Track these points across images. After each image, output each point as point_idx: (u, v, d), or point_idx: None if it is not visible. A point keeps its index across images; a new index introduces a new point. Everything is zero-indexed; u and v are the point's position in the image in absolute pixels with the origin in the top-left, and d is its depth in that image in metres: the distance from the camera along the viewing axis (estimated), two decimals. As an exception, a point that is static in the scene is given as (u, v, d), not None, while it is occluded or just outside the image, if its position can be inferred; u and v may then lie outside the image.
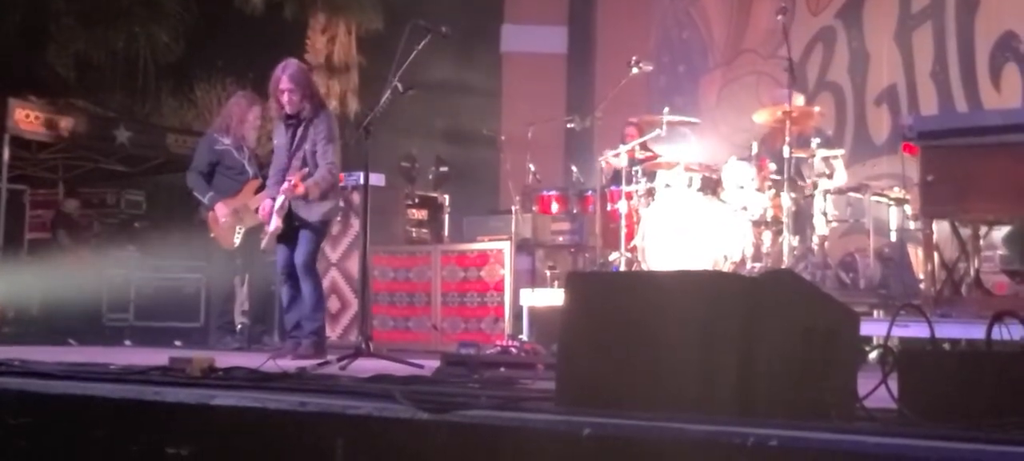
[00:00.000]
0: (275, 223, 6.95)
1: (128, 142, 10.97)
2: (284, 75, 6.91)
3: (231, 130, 8.48)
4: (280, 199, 6.90)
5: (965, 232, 6.89)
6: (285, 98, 6.90)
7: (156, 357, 5.75)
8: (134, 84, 10.96)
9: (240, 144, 8.51)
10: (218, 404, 3.70)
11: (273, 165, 7.19)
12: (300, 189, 6.80)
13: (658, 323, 3.33)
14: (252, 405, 3.62)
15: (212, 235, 8.42)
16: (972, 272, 6.90)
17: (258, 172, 8.57)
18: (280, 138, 7.09)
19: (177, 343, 8.97)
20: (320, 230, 7.14)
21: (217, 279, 8.80)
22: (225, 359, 5.68)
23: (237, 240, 8.38)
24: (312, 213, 6.96)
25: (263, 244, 7.27)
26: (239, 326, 8.89)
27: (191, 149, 8.95)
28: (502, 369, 5.42)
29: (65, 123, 10.59)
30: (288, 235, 7.06)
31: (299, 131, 6.96)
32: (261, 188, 8.43)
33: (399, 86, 6.59)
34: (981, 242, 7.01)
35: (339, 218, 8.99)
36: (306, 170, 6.83)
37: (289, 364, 5.66)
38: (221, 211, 8.28)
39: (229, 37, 11.19)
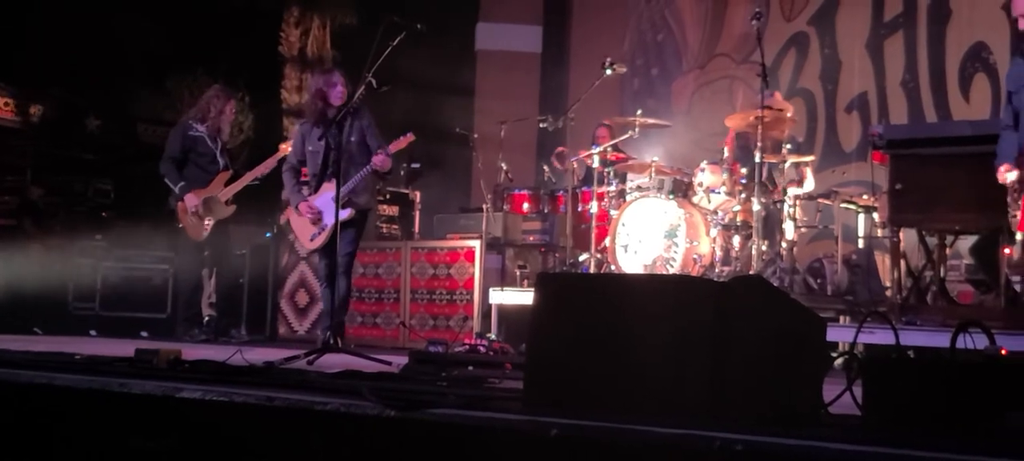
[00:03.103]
0: (347, 212, 7.04)
1: (97, 130, 10.89)
2: (335, 74, 7.25)
3: (207, 119, 8.46)
4: (343, 187, 6.97)
5: (932, 241, 6.94)
6: (338, 93, 7.14)
7: (122, 348, 5.72)
8: (105, 72, 10.87)
9: (215, 135, 8.49)
10: (185, 397, 3.68)
11: (309, 168, 7.29)
12: (388, 164, 7.14)
13: (628, 326, 3.34)
14: (219, 399, 3.61)
15: (180, 225, 8.39)
16: (938, 281, 6.96)
17: (229, 164, 8.55)
18: (315, 144, 7.20)
19: (143, 334, 8.92)
20: (365, 220, 7.49)
21: (185, 270, 8.77)
22: (192, 351, 5.66)
23: (205, 231, 8.35)
24: (361, 200, 7.20)
25: (321, 240, 7.25)
26: (206, 318, 8.84)
27: (162, 139, 8.91)
28: (470, 368, 5.42)
29: (34, 109, 10.51)
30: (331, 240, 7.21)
31: (345, 126, 7.08)
32: (232, 180, 8.43)
33: (373, 82, 6.59)
34: (947, 251, 7.08)
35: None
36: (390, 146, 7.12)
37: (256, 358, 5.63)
38: (191, 201, 8.26)
39: (202, 27, 11.11)
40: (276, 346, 7.93)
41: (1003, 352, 3.56)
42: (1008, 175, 5.34)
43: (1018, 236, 5.88)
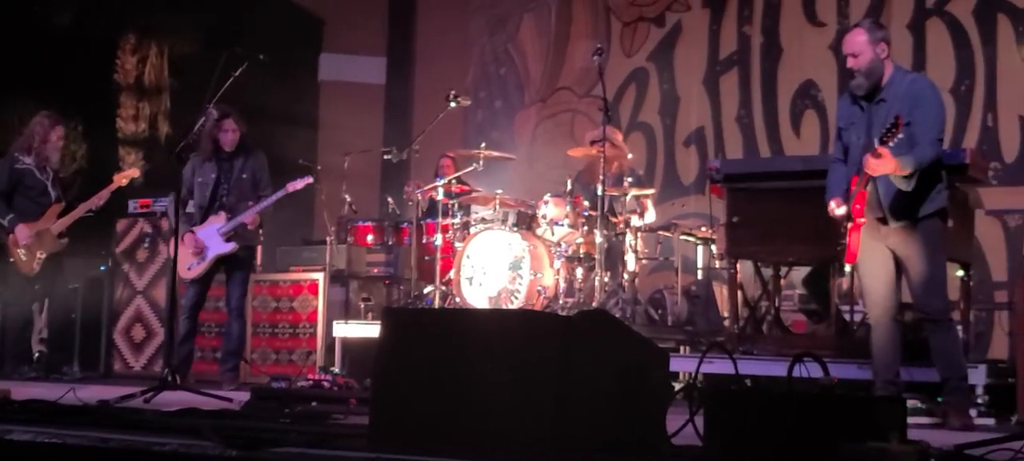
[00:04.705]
0: (231, 247, 7.48)
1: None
2: (227, 121, 7.45)
3: (34, 150, 8.20)
4: (227, 227, 7.45)
5: (767, 272, 7.16)
6: (229, 139, 7.48)
7: (-54, 388, 5.46)
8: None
9: (43, 164, 8.24)
10: (14, 440, 3.54)
11: (196, 199, 7.57)
12: (258, 221, 7.58)
13: (474, 361, 3.35)
14: (51, 442, 3.48)
15: (11, 259, 8.11)
16: (773, 311, 7.17)
17: (61, 195, 8.30)
18: (205, 176, 7.55)
19: (-32, 372, 8.53)
20: (252, 257, 7.95)
21: (14, 305, 8.44)
22: (21, 390, 5.45)
23: (37, 265, 8.09)
24: (249, 239, 7.66)
25: (198, 271, 7.49)
26: (36, 355, 8.53)
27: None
28: (314, 404, 5.35)
29: None
30: (206, 274, 7.56)
31: (237, 163, 7.57)
32: (65, 212, 8.18)
33: (214, 112, 6.51)
34: (782, 282, 7.30)
35: (147, 244, 8.78)
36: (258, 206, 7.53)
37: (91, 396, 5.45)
38: (22, 234, 8.01)
39: (34, 54, 10.72)
40: (111, 383, 7.69)
41: (834, 380, 3.69)
42: (837, 210, 5.55)
43: (847, 268, 6.10)
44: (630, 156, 8.38)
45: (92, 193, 8.36)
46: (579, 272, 7.85)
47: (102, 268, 9.15)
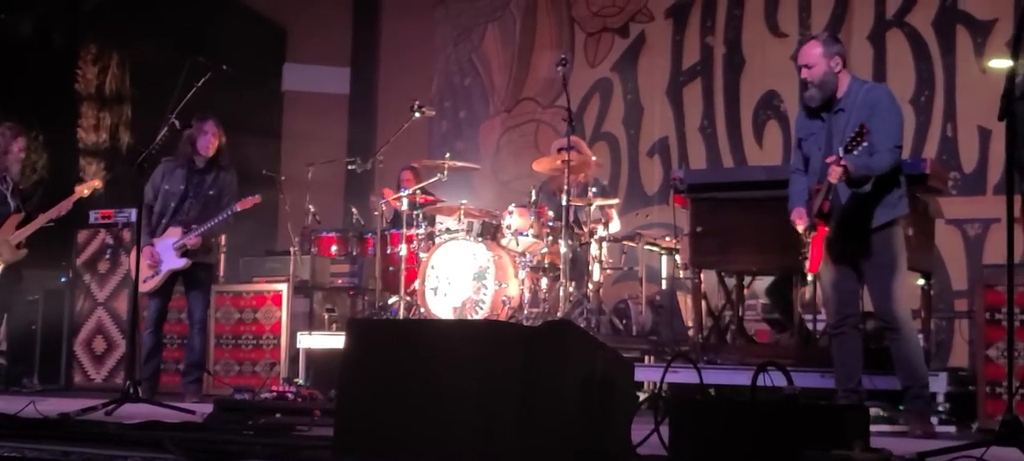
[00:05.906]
0: (184, 262, 7.43)
1: None
2: (208, 122, 7.45)
3: (-8, 161, 8.13)
4: (180, 241, 7.40)
5: (730, 282, 7.19)
6: (207, 142, 7.43)
7: (-98, 402, 5.39)
8: None
9: (3, 175, 8.16)
10: (-28, 454, 3.50)
11: (158, 206, 7.52)
12: (198, 243, 7.43)
13: (438, 372, 3.34)
14: (10, 455, 3.44)
15: (-32, 270, 8.03)
16: (737, 320, 7.20)
17: (20, 205, 8.22)
18: (173, 185, 7.50)
19: (-74, 385, 8.43)
20: (211, 273, 7.88)
21: (-29, 317, 8.35)
22: (-20, 404, 5.38)
23: (-4, 277, 8.03)
24: (208, 256, 7.68)
25: (153, 284, 7.44)
26: (-5, 367, 8.46)
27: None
28: (278, 415, 5.32)
29: None
30: (164, 286, 7.52)
31: (208, 177, 7.53)
32: (24, 222, 8.10)
33: (176, 123, 6.48)
34: (745, 292, 7.34)
35: (108, 256, 8.71)
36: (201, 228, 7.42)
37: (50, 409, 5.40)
38: (-21, 245, 7.92)
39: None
40: (72, 396, 7.63)
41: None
42: (800, 222, 5.60)
43: (809, 278, 6.14)
44: (595, 160, 8.37)
45: (53, 204, 8.28)
46: (544, 282, 7.85)
47: (62, 279, 9.07)
